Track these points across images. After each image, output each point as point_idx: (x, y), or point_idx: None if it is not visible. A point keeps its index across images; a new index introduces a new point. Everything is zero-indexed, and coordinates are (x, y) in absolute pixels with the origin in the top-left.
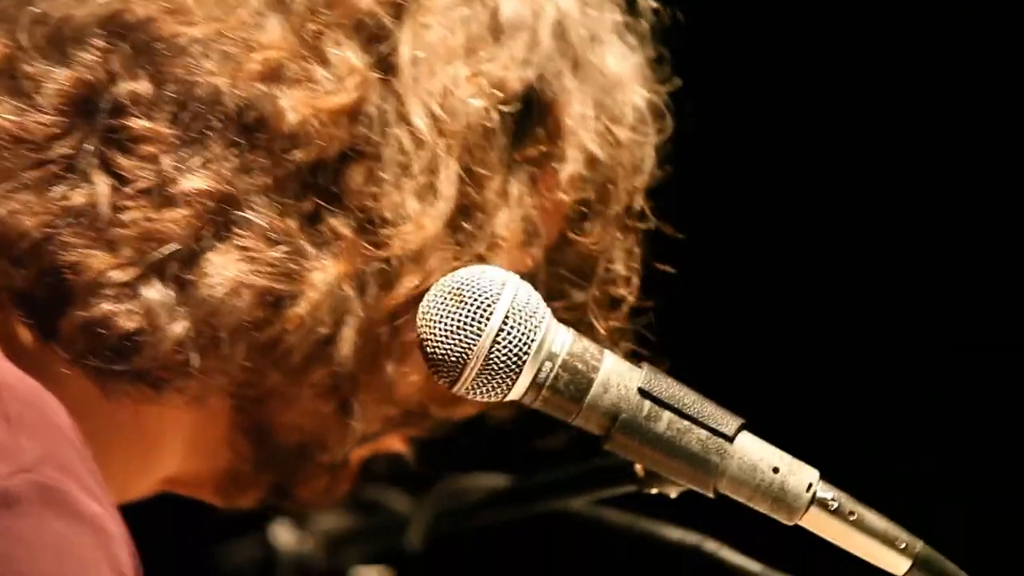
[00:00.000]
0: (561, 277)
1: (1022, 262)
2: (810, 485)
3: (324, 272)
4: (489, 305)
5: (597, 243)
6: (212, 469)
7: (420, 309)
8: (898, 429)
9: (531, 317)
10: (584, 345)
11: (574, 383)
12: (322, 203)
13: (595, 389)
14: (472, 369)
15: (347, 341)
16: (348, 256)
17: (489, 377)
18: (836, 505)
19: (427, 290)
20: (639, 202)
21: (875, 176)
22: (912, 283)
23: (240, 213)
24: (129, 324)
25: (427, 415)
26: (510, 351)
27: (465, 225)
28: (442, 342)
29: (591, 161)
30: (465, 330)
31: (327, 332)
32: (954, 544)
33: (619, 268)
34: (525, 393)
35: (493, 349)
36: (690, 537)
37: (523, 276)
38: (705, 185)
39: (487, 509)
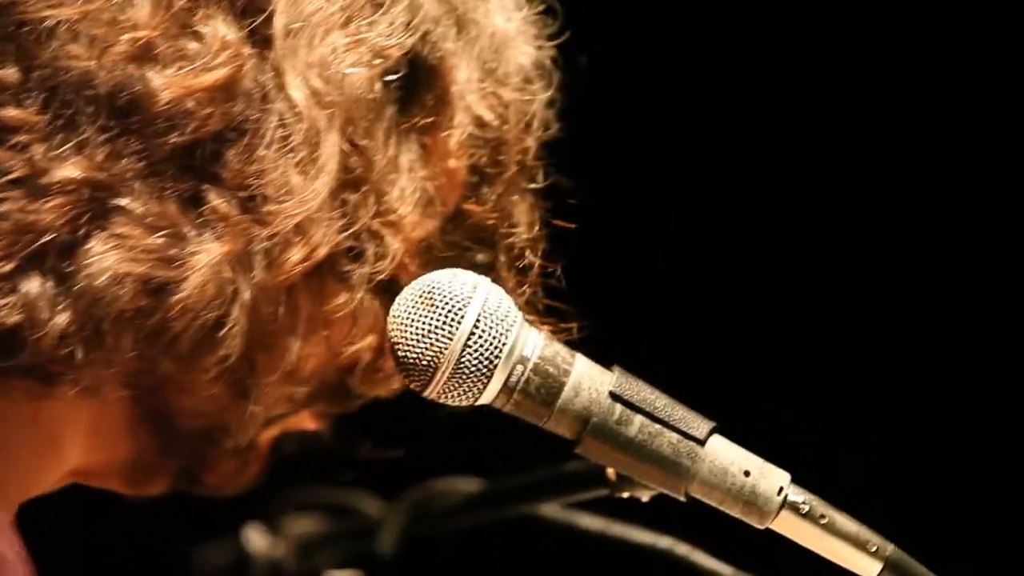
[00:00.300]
0: (463, 244)
1: (920, 210)
2: (781, 489)
3: (207, 255)
4: (460, 309)
5: (495, 207)
6: (117, 459)
7: (391, 312)
8: (797, 376)
9: (502, 321)
10: (555, 348)
11: (545, 387)
12: (201, 184)
13: (566, 393)
14: (443, 373)
15: (237, 323)
16: (231, 236)
17: (460, 381)
18: (807, 508)
19: (326, 263)
20: (532, 162)
21: (772, 119)
22: (809, 230)
23: (116, 200)
24: (9, 319)
25: (338, 392)
26: (481, 355)
27: (352, 197)
28: (413, 346)
29: (480, 125)
30: (436, 334)
31: (215, 315)
32: (854, 491)
33: (521, 230)
34: (496, 397)
35: (464, 353)
36: (662, 541)
37: (421, 244)
38: (599, 130)
39: (459, 513)
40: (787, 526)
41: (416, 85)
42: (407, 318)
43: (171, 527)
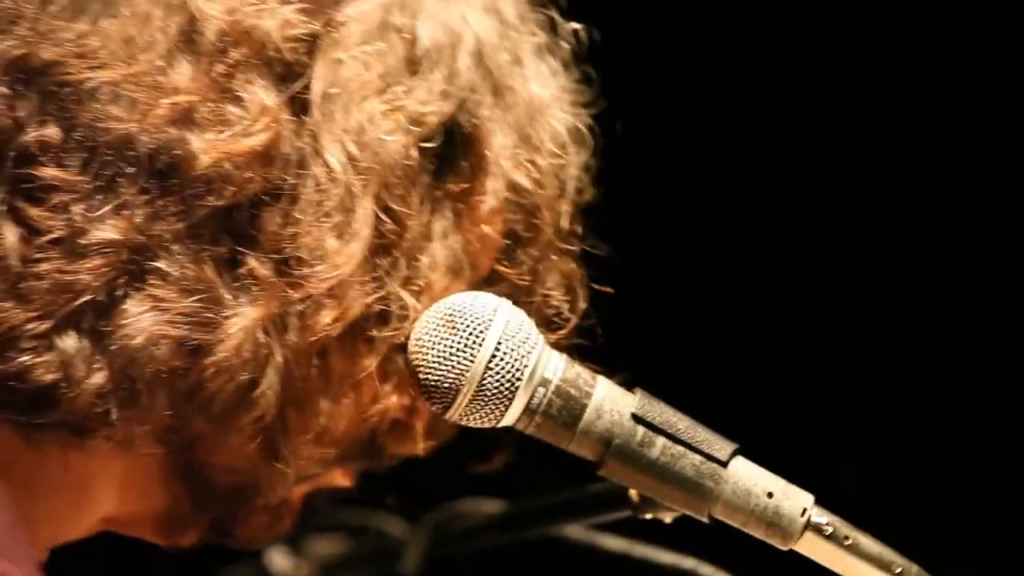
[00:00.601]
0: None
1: (916, 219)
2: (804, 510)
3: (242, 318)
4: (481, 331)
5: (530, 270)
6: (149, 510)
7: (412, 335)
8: (794, 385)
9: (524, 343)
10: (577, 371)
11: (567, 409)
12: (238, 247)
13: (588, 415)
14: (465, 396)
15: (270, 385)
16: (266, 299)
17: (482, 403)
18: (831, 530)
19: (355, 327)
20: (568, 225)
21: (770, 128)
22: (806, 239)
23: (154, 263)
24: (46, 376)
25: (372, 450)
26: (503, 377)
27: (384, 262)
28: (435, 369)
29: (515, 190)
30: (457, 356)
31: (249, 377)
32: (851, 500)
33: (556, 293)
34: (519, 419)
35: (486, 375)
36: (686, 562)
37: None
38: (603, 142)
39: (482, 534)
40: (811, 548)
41: (451, 152)
42: (428, 340)
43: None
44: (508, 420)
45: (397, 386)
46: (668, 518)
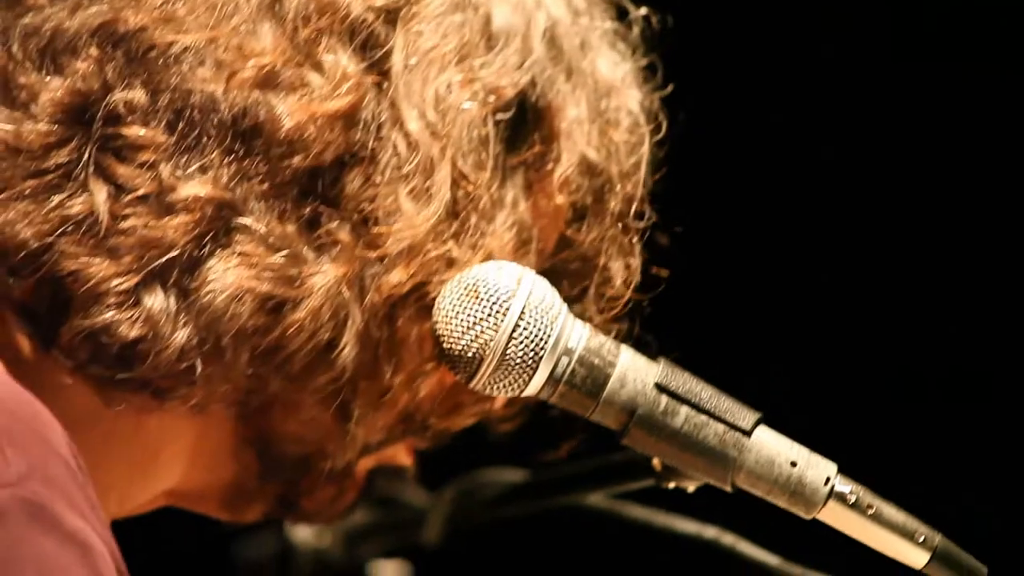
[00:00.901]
0: (559, 274)
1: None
2: (828, 479)
3: (323, 276)
4: (505, 301)
5: (594, 245)
6: (216, 482)
7: (436, 305)
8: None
9: (547, 312)
10: (601, 340)
11: (591, 378)
12: (320, 207)
13: (612, 384)
14: (489, 365)
15: (348, 345)
16: (347, 259)
17: (506, 372)
18: (855, 499)
19: (421, 291)
20: (636, 204)
21: (770, 129)
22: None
23: (239, 219)
24: (132, 332)
25: (428, 425)
26: (527, 346)
27: (458, 228)
28: (459, 338)
29: (586, 165)
30: (481, 326)
31: (328, 336)
32: (874, 468)
33: (616, 267)
34: (542, 388)
35: (510, 345)
36: (708, 530)
37: None
38: (697, 183)
39: (504, 504)
40: (834, 517)
41: (524, 123)
42: (452, 309)
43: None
44: (532, 389)
45: None
46: (691, 487)
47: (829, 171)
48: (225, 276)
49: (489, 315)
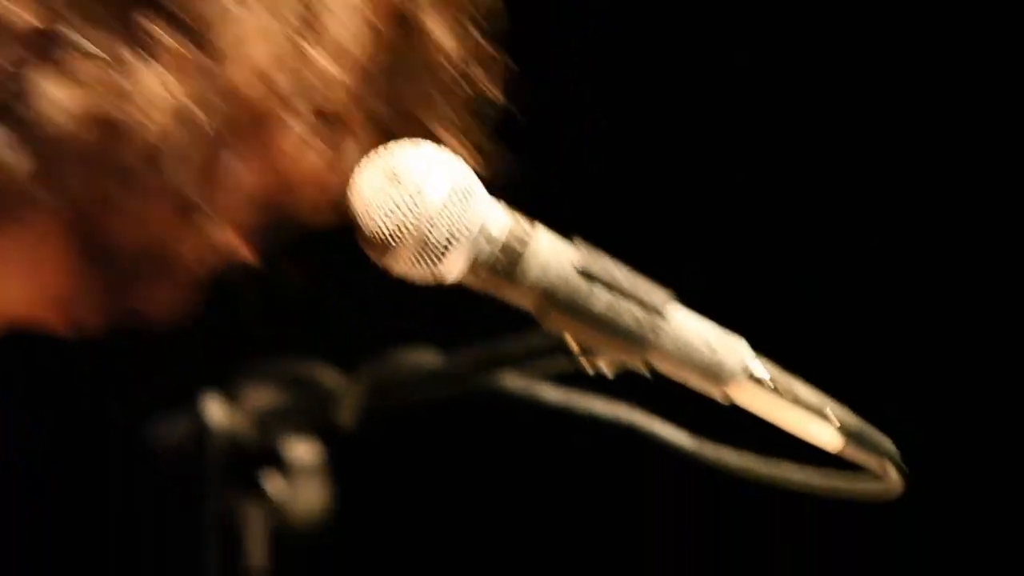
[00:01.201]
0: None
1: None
2: (743, 360)
3: (154, 80)
4: (425, 183)
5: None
6: (50, 296)
7: (352, 187)
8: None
9: (467, 197)
10: (521, 224)
11: (510, 262)
12: (139, 9)
13: (532, 269)
14: (408, 250)
15: (182, 143)
16: (175, 60)
17: (425, 257)
18: (770, 380)
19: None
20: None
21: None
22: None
23: (59, 32)
24: None
25: (277, 222)
26: (446, 231)
27: (294, 19)
28: (376, 222)
29: None
30: (400, 209)
31: (162, 138)
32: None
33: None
34: (462, 273)
35: (429, 229)
36: (622, 412)
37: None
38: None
39: (420, 385)
40: (749, 398)
41: None
42: (370, 192)
43: (128, 399)
44: (452, 274)
45: (313, 160)
46: (611, 373)
47: None
48: (55, 95)
49: (409, 196)
